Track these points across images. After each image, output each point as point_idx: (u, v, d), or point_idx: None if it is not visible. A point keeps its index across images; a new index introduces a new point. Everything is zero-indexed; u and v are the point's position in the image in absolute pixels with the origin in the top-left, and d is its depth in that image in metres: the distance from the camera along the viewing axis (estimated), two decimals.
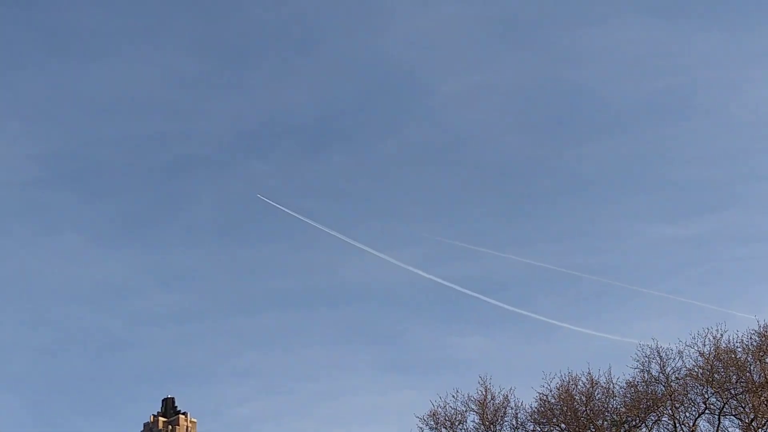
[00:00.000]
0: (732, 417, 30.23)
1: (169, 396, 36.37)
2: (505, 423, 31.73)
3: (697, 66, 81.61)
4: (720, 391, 29.79)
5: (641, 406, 30.25)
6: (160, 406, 36.88)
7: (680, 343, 31.33)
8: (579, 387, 31.42)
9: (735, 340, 30.38)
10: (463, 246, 65.73)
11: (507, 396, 31.85)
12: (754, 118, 78.10)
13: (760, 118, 77.49)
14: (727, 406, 29.75)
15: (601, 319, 61.31)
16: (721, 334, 30.33)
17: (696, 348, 30.48)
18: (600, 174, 78.49)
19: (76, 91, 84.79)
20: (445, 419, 31.87)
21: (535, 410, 31.53)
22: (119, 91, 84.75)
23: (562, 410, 30.98)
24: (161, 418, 35.86)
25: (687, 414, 30.43)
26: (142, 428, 35.79)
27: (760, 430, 29.53)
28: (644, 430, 30.98)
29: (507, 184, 79.37)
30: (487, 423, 31.49)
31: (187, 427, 36.05)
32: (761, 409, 29.09)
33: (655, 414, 30.57)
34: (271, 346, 66.69)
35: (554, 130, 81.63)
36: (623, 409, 30.59)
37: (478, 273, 68.02)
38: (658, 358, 31.21)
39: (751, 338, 30.43)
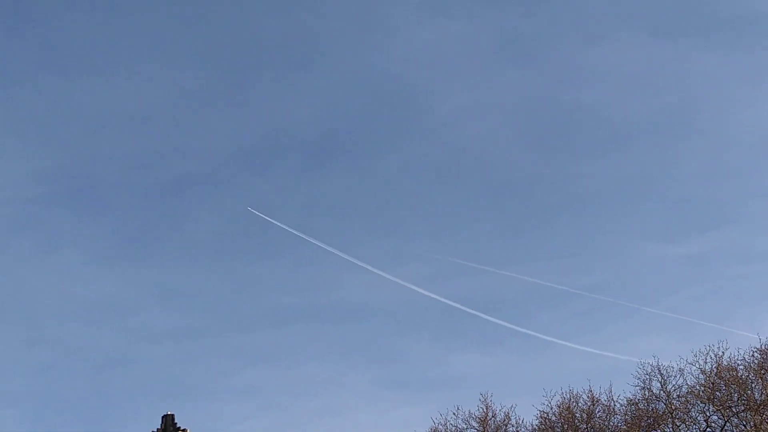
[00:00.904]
0: None
1: (169, 413, 36.84)
2: None
3: (697, 85, 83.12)
4: (721, 409, 30.16)
5: (642, 424, 30.66)
6: (160, 423, 37.32)
7: (681, 360, 31.95)
8: (580, 405, 32.02)
9: (737, 358, 31.06)
10: (464, 264, 66.78)
11: (508, 413, 32.54)
12: (754, 136, 78.92)
13: (760, 137, 78.43)
14: (728, 424, 30.08)
15: (602, 337, 61.13)
16: (723, 352, 31.15)
17: (697, 365, 31.25)
18: (600, 192, 79.70)
19: (75, 106, 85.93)
20: None
21: (536, 428, 31.95)
22: (118, 106, 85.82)
23: (563, 428, 31.37)
24: None
25: None
26: None
27: None
28: None
29: (508, 201, 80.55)
30: None
31: None
32: (763, 428, 29.39)
33: None
34: (270, 363, 67.09)
35: (555, 148, 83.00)
36: (624, 427, 30.94)
37: (479, 291, 68.94)
38: (659, 376, 31.86)
39: (752, 356, 31.12)
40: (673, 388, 31.40)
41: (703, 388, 30.55)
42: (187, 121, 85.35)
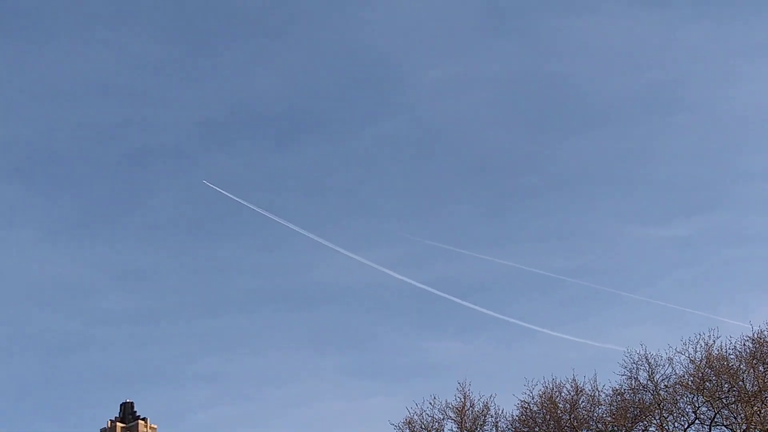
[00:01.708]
0: (723, 427, 30.09)
1: (128, 401, 36.16)
2: (485, 431, 31.69)
3: (686, 59, 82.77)
4: (711, 401, 29.75)
5: (628, 415, 30.32)
6: (119, 411, 36.62)
7: (670, 349, 31.59)
8: (563, 394, 31.66)
9: (728, 347, 30.54)
10: (440, 246, 66.09)
11: (487, 403, 32.13)
12: (744, 113, 79.11)
13: (751, 114, 78.95)
14: (718, 416, 29.70)
15: (586, 325, 61.45)
16: (713, 341, 30.57)
17: (686, 355, 30.80)
18: (584, 171, 79.21)
19: (28, 74, 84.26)
20: (421, 427, 31.85)
21: (517, 418, 31.65)
22: (74, 75, 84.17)
23: (545, 418, 31.08)
24: (119, 424, 35.63)
25: (676, 424, 30.44)
26: None
27: None
28: None
29: (488, 180, 79.77)
30: (466, 431, 31.30)
31: None
32: (754, 420, 29.01)
33: (642, 423, 30.59)
34: (235, 349, 66.66)
35: (538, 124, 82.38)
36: (609, 418, 30.68)
37: (456, 275, 68.15)
38: (646, 365, 31.48)
39: (744, 345, 30.61)
40: (660, 378, 31.16)
41: (692, 378, 30.10)
42: (149, 91, 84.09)
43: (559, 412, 31.08)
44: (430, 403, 32.12)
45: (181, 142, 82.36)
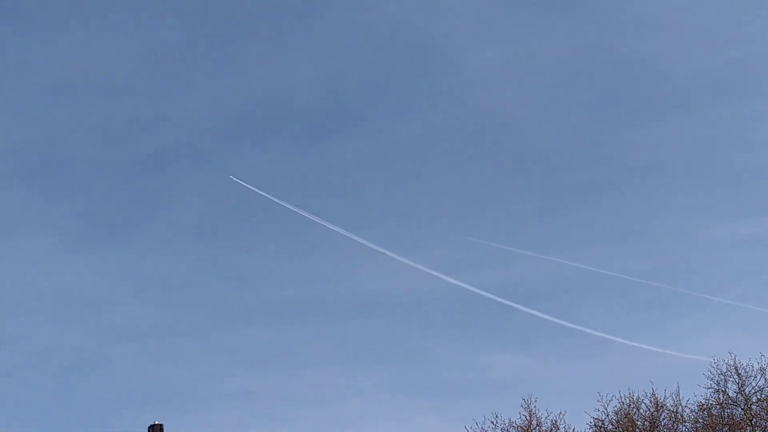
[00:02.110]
0: None
1: (157, 422, 36.70)
2: None
3: None
4: None
5: None
6: None
7: (763, 358, 31.31)
8: (641, 411, 31.45)
9: None
10: (497, 247, 65.22)
11: (556, 421, 31.90)
12: None
13: None
14: None
15: (665, 333, 59.45)
16: None
17: None
18: (658, 162, 76.67)
19: (34, 69, 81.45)
20: None
21: None
22: (86, 69, 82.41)
23: None
24: None
25: None
26: None
27: None
28: None
29: (548, 174, 77.76)
30: None
31: None
32: None
33: None
34: (270, 365, 65.72)
35: (603, 112, 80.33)
36: None
37: (515, 279, 66.89)
38: (735, 377, 31.35)
39: None
40: (752, 390, 30.96)
41: None
42: (167, 85, 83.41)
43: (637, 430, 30.62)
44: (492, 423, 32.08)
45: (205, 139, 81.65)
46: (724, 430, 30.15)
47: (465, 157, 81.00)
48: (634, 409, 31.28)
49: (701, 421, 30.72)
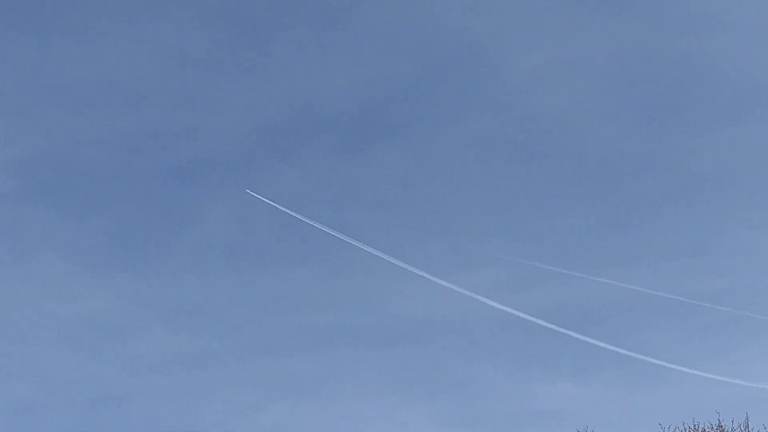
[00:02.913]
0: None
1: None
2: None
3: None
4: None
5: None
6: None
7: None
8: None
9: None
10: (546, 268, 65.19)
11: None
12: None
13: None
14: None
15: (731, 360, 59.22)
16: None
17: None
18: (725, 172, 76.68)
19: (54, 80, 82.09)
20: None
21: None
22: (105, 77, 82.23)
23: None
24: None
25: None
26: None
27: None
28: None
29: (603, 186, 77.72)
30: None
31: None
32: None
33: None
34: (305, 396, 64.33)
35: (664, 117, 79.70)
36: None
37: (568, 303, 66.84)
38: None
39: None
40: None
41: None
42: (193, 94, 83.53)
43: None
44: None
45: (232, 152, 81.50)
46: None
47: (511, 168, 79.09)
48: None
49: None
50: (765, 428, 31.74)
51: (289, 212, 62.71)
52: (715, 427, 32.13)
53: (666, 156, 77.20)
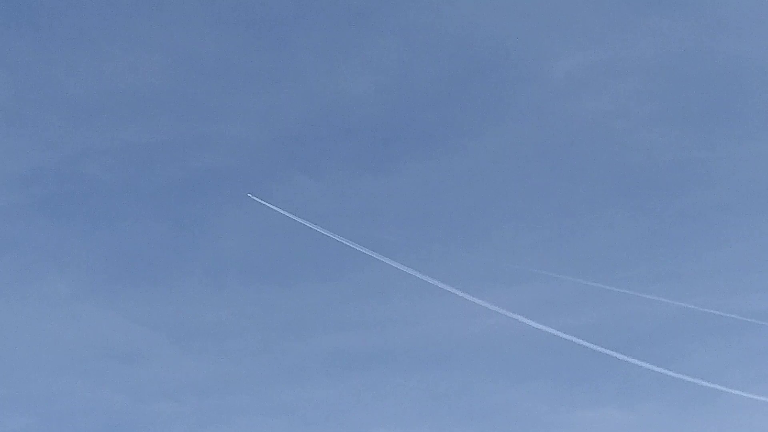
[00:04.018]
0: None
1: None
2: None
3: None
4: None
5: None
6: None
7: None
8: None
9: None
10: (590, 285, 64.75)
11: None
12: None
13: None
14: None
15: None
16: None
17: None
18: None
19: (57, 88, 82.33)
20: None
21: None
22: (113, 86, 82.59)
23: None
24: None
25: None
26: None
27: None
28: None
29: (650, 196, 77.54)
30: None
31: None
32: None
33: None
34: (331, 425, 65.36)
35: (714, 123, 79.65)
36: None
37: (612, 322, 66.56)
38: None
39: None
40: None
41: None
42: (205, 101, 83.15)
43: None
44: None
45: (248, 163, 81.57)
46: None
47: (550, 178, 79.11)
48: None
49: None
50: None
51: (310, 225, 63.07)
52: None
53: (716, 164, 76.87)
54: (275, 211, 65.26)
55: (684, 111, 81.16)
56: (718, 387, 55.23)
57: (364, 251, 62.79)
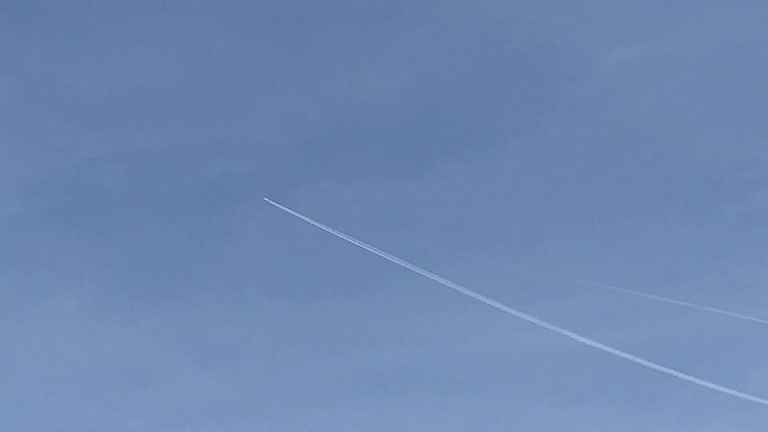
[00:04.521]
0: None
1: None
2: None
3: None
4: None
5: None
6: None
7: None
8: None
9: None
10: (646, 297, 64.03)
11: None
12: None
13: None
14: None
15: None
16: None
17: None
18: None
19: (64, 91, 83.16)
20: None
21: None
22: (124, 88, 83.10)
23: None
24: None
25: None
26: None
27: None
28: None
29: (709, 201, 76.43)
30: None
31: None
32: None
33: None
34: None
35: None
36: None
37: (672, 337, 65.62)
38: None
39: None
40: None
41: None
42: (222, 103, 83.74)
43: None
44: None
45: (269, 168, 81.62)
46: None
47: (599, 180, 78.21)
48: None
49: None
50: None
51: (337, 234, 62.77)
52: None
53: None
54: (299, 218, 64.16)
55: (744, 107, 79.43)
56: None
57: (396, 262, 62.49)
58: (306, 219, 61.70)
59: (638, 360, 58.61)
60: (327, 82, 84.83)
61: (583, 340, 60.23)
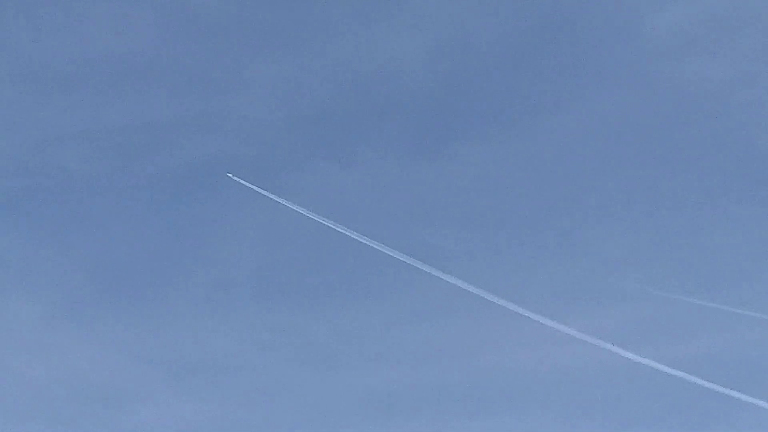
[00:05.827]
0: None
1: None
2: None
3: None
4: None
5: None
6: None
7: None
8: None
9: None
10: (705, 305, 63.11)
11: None
12: None
13: None
14: None
15: None
16: None
17: None
18: None
19: (21, 54, 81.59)
20: None
21: None
22: (93, 52, 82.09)
23: None
24: None
25: None
26: None
27: None
28: None
29: None
30: None
31: None
32: None
33: None
34: None
35: None
36: None
37: (730, 352, 64.38)
38: None
39: None
40: None
41: None
42: (207, 71, 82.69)
43: None
44: None
45: (265, 148, 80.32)
46: None
47: (651, 165, 75.80)
48: None
49: None
50: None
51: (340, 228, 62.16)
52: None
53: None
54: (293, 209, 64.43)
55: None
56: None
57: (407, 261, 62.54)
58: (309, 214, 61.25)
59: (696, 380, 59.69)
60: (330, 47, 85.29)
61: (631, 356, 61.18)
